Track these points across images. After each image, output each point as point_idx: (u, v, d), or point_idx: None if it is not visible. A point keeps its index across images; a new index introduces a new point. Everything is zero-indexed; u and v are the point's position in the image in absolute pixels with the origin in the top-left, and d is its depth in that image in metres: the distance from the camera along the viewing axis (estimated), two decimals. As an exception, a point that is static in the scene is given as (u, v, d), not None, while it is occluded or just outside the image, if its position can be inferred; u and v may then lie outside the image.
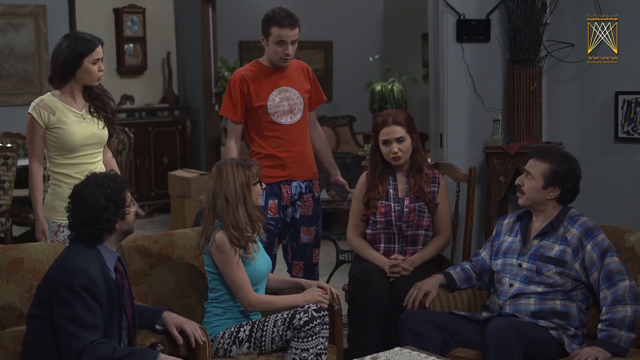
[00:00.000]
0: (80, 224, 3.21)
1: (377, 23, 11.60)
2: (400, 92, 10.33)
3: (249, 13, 10.60)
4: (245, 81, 4.49)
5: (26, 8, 8.40)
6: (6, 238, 6.39)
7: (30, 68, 8.45)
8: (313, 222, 4.61)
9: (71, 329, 3.05)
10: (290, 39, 4.44)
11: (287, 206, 4.53)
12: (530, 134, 5.23)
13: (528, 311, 3.64)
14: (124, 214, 3.26)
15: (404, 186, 4.35)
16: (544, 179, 3.70)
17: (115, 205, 3.22)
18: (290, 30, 4.42)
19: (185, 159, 9.69)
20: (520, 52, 5.19)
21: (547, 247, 3.69)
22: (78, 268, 3.10)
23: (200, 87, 9.77)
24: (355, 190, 4.44)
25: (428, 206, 4.32)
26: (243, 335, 3.63)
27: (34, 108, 3.99)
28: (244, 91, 4.48)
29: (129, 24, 9.50)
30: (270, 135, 4.50)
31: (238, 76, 4.53)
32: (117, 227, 3.25)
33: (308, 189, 4.58)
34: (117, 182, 3.28)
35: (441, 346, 3.62)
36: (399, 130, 4.28)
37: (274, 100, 4.48)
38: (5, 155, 6.12)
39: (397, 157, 4.28)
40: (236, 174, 3.69)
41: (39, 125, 3.97)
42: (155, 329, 3.46)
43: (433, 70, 5.57)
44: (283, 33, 4.41)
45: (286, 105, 4.50)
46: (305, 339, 3.55)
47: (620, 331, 3.45)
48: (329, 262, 5.67)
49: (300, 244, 4.60)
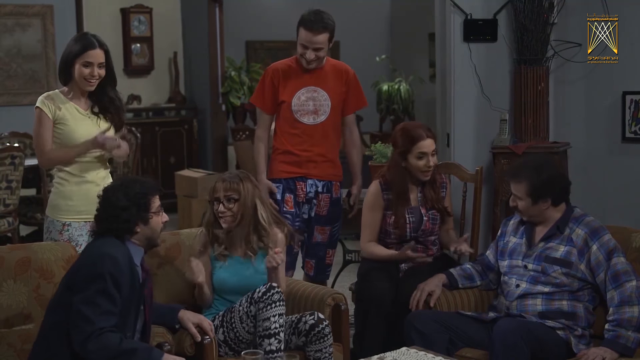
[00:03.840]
0: (102, 220, 3.26)
1: (383, 23, 11.59)
2: (407, 92, 10.31)
3: (255, 13, 10.63)
4: (278, 74, 4.53)
5: (33, 8, 8.40)
6: (13, 237, 6.40)
7: (38, 68, 8.45)
8: (328, 222, 4.61)
9: (85, 312, 3.06)
10: (313, 45, 4.39)
11: (303, 203, 4.54)
12: (537, 134, 5.22)
13: (535, 311, 3.63)
14: (146, 219, 3.28)
15: (417, 195, 4.33)
16: (529, 196, 3.70)
17: (137, 207, 3.24)
18: (314, 35, 4.37)
19: (192, 158, 9.69)
20: (527, 52, 5.18)
21: (552, 248, 3.68)
22: (107, 254, 3.13)
23: (207, 87, 9.78)
24: (367, 199, 4.37)
25: (441, 214, 4.32)
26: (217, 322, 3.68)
27: (41, 101, 3.98)
28: (274, 83, 4.53)
29: (136, 23, 9.51)
30: (292, 132, 4.53)
31: (272, 68, 4.59)
32: (138, 230, 3.27)
33: (325, 188, 4.57)
34: (145, 186, 3.32)
35: (448, 346, 3.62)
36: (432, 144, 4.25)
37: (299, 99, 4.50)
38: (12, 154, 6.13)
39: (430, 171, 4.26)
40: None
41: (47, 118, 3.95)
42: (175, 327, 3.54)
43: (440, 70, 5.57)
44: (306, 37, 4.38)
45: (311, 105, 4.51)
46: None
47: (627, 331, 3.45)
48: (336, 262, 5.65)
49: (312, 242, 4.60)
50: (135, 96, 9.60)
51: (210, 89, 9.74)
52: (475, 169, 4.68)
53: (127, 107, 9.11)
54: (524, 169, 3.76)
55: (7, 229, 6.30)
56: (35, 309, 3.43)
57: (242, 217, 3.78)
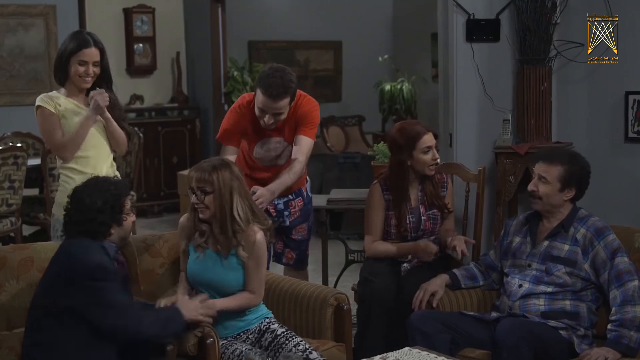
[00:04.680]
0: (76, 222, 3.25)
1: (386, 23, 11.58)
2: (410, 92, 10.31)
3: (258, 13, 10.63)
4: (245, 118, 4.26)
5: (36, 8, 8.41)
6: (16, 237, 6.41)
7: (40, 68, 8.46)
8: (304, 220, 4.56)
9: (116, 311, 3.12)
10: (272, 110, 4.05)
11: (274, 216, 4.41)
12: (540, 134, 5.21)
13: (538, 311, 3.63)
14: (120, 220, 3.30)
15: (417, 194, 4.33)
16: (560, 181, 3.68)
17: (112, 209, 3.26)
18: (273, 101, 4.02)
19: (195, 158, 9.68)
20: (530, 52, 5.17)
21: (556, 247, 3.68)
22: (86, 257, 3.15)
23: (210, 87, 9.78)
24: (369, 200, 4.37)
25: (441, 212, 4.31)
26: None
27: (40, 99, 4.02)
28: (241, 124, 4.27)
29: (139, 23, 9.52)
30: (249, 163, 4.38)
31: (242, 107, 4.28)
32: (112, 231, 3.28)
33: (294, 194, 4.51)
34: (118, 187, 3.32)
35: (450, 346, 3.61)
36: (433, 137, 4.27)
37: (258, 152, 4.33)
38: (15, 154, 6.13)
39: (436, 164, 4.26)
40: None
41: (50, 112, 3.98)
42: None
43: (442, 70, 5.56)
44: (264, 101, 4.02)
45: (273, 152, 4.34)
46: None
47: (630, 331, 3.45)
48: (339, 262, 5.67)
49: (292, 239, 4.56)
50: (138, 96, 9.60)
51: (213, 89, 9.74)
52: (478, 169, 4.68)
53: (129, 107, 9.18)
54: (559, 152, 3.76)
55: (10, 229, 6.30)
56: (38, 309, 3.43)
57: (219, 210, 3.52)
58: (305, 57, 11.09)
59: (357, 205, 4.99)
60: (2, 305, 3.42)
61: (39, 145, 7.38)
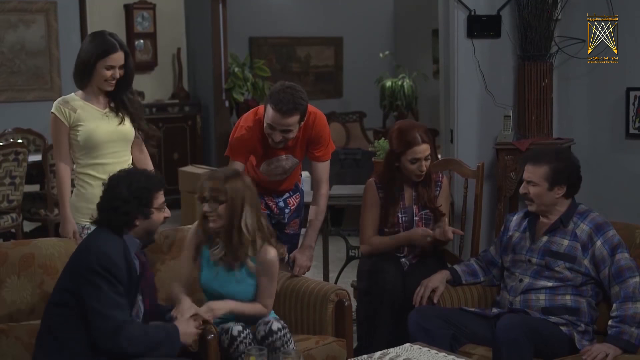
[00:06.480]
0: (101, 209, 3.26)
1: (387, 19, 11.58)
2: (411, 88, 10.31)
3: (259, 9, 10.63)
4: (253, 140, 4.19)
5: (37, 4, 8.41)
6: (17, 233, 6.42)
7: (41, 64, 8.46)
8: (298, 214, 4.54)
9: (100, 310, 3.08)
10: (281, 127, 3.96)
11: (277, 214, 4.41)
12: (540, 130, 5.22)
13: (538, 307, 3.63)
14: (147, 213, 3.27)
15: (412, 194, 4.31)
16: (547, 181, 3.68)
17: (138, 201, 3.23)
18: (283, 117, 3.93)
19: (196, 155, 9.70)
20: (531, 48, 5.18)
21: (556, 242, 3.68)
22: (97, 249, 3.14)
23: (211, 83, 9.77)
24: (365, 198, 4.35)
25: (434, 214, 4.28)
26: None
27: (56, 107, 3.96)
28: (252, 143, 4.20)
29: (140, 20, 9.51)
30: (254, 176, 4.31)
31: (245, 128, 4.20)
32: (137, 223, 3.26)
33: (292, 191, 4.48)
34: (149, 180, 3.29)
35: (451, 342, 3.62)
36: (427, 149, 4.17)
37: (264, 169, 4.27)
38: (16, 151, 6.14)
39: (423, 174, 4.22)
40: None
41: (62, 124, 3.94)
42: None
43: (443, 66, 5.56)
44: (274, 117, 3.94)
45: (280, 169, 4.29)
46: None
47: (630, 328, 3.45)
48: (339, 258, 5.67)
49: (285, 233, 4.55)
50: (139, 92, 9.54)
51: (214, 85, 9.73)
52: (477, 165, 4.68)
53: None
54: (544, 152, 3.76)
55: (11, 225, 6.31)
56: (39, 305, 3.44)
57: (227, 220, 3.52)
58: (306, 53, 11.10)
59: (358, 201, 4.96)
60: (4, 301, 3.43)
61: (39, 142, 7.39)
